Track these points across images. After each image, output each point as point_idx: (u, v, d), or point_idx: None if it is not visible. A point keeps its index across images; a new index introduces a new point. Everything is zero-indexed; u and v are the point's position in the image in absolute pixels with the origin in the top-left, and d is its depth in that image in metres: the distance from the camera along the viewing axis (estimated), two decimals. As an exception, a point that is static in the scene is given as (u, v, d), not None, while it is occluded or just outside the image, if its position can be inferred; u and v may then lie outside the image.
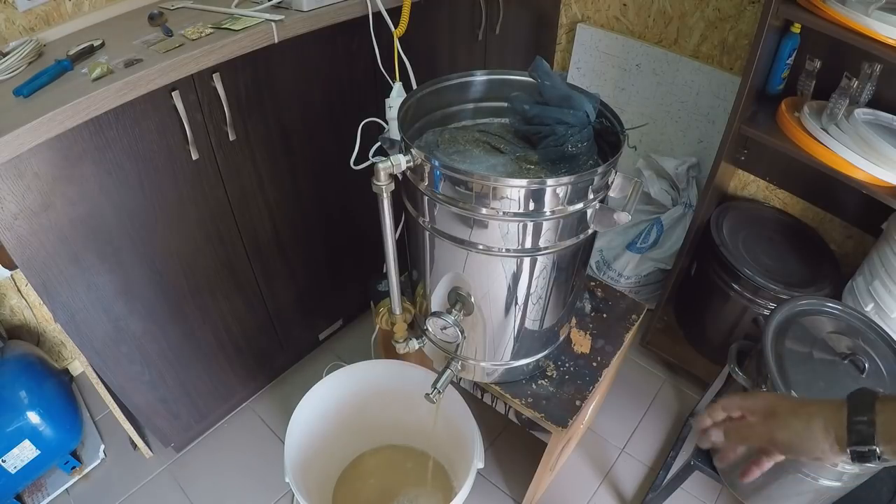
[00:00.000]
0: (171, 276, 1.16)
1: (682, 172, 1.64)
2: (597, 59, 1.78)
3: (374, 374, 1.21)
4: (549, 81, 0.85)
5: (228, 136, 1.10)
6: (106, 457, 1.45)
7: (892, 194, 1.07)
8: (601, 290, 1.23)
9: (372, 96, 1.32)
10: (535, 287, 0.89)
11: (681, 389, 1.65)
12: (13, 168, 0.83)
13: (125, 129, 0.95)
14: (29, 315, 1.49)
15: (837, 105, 1.13)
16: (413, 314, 1.12)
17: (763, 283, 1.35)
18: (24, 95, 0.86)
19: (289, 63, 1.13)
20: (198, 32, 1.01)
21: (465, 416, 1.09)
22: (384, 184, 0.80)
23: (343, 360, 1.70)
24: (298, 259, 1.44)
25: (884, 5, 0.98)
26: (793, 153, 1.16)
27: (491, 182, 0.73)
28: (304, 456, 1.12)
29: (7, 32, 1.11)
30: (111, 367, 1.15)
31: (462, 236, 0.82)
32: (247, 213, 1.24)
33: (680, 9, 1.56)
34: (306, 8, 1.07)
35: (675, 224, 1.67)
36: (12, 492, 1.29)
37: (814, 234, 1.53)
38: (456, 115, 0.98)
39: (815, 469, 0.96)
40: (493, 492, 1.41)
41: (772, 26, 1.09)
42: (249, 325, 1.41)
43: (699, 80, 1.58)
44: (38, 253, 0.92)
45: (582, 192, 0.77)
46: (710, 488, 1.40)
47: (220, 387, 1.45)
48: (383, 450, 1.40)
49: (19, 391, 1.23)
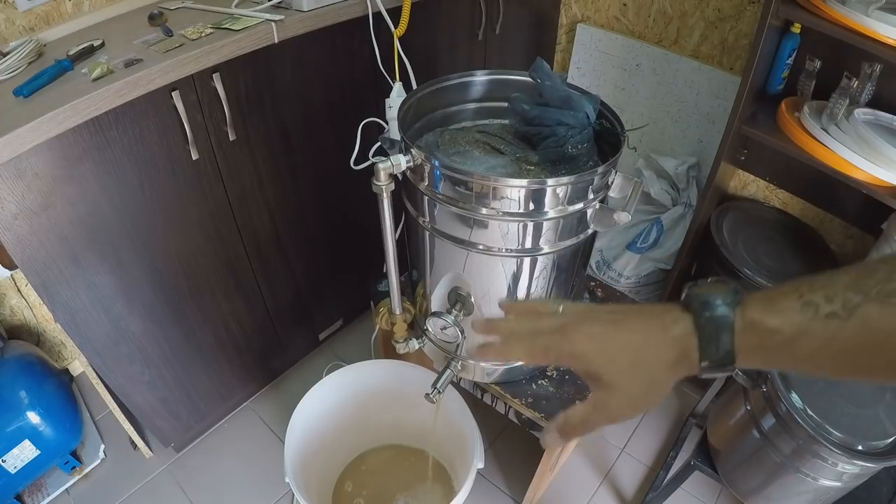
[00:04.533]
0: (171, 276, 1.16)
1: (682, 172, 1.64)
2: (597, 59, 1.78)
3: (374, 374, 1.21)
4: (550, 82, 0.85)
5: (228, 136, 1.10)
6: (106, 457, 1.45)
7: (892, 194, 1.07)
8: (601, 290, 1.23)
9: (372, 96, 1.32)
10: (535, 287, 0.89)
11: (681, 389, 1.65)
12: (13, 168, 0.83)
13: (125, 129, 0.95)
14: (29, 315, 1.49)
15: (837, 105, 1.13)
16: (413, 314, 1.12)
17: (763, 283, 1.34)
18: (24, 95, 0.86)
19: (289, 63, 1.13)
20: (198, 32, 1.01)
21: (465, 416, 1.09)
22: (384, 184, 0.80)
23: (343, 360, 1.70)
24: (298, 259, 1.44)
25: (884, 5, 0.98)
26: (793, 153, 1.16)
27: (491, 182, 0.73)
28: (304, 456, 1.12)
29: (7, 32, 1.11)
30: (111, 367, 1.15)
31: (462, 236, 0.82)
32: (247, 213, 1.24)
33: (680, 9, 1.56)
34: (306, 8, 1.07)
35: (675, 224, 1.67)
36: (12, 492, 1.29)
37: (814, 234, 1.53)
38: (456, 115, 0.98)
39: (815, 469, 0.96)
40: (493, 492, 1.41)
41: (772, 26, 1.09)
42: (249, 325, 1.41)
43: (699, 80, 1.58)
44: (38, 253, 0.92)
45: (582, 193, 0.77)
46: (710, 488, 1.40)
47: (220, 387, 1.45)
48: (383, 450, 1.40)
49: (19, 391, 1.23)
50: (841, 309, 0.35)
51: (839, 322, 0.35)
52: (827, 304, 0.36)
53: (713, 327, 0.39)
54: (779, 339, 0.37)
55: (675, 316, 0.42)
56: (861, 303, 0.35)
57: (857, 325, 0.35)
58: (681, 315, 0.41)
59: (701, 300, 0.40)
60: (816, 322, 0.36)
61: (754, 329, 0.38)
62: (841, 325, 0.35)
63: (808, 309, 0.36)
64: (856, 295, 0.35)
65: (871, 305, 0.34)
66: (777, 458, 1.01)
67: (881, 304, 0.34)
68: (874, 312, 0.34)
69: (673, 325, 0.41)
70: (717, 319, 0.39)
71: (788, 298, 0.38)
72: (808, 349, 0.37)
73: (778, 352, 0.38)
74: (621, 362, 0.43)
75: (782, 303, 0.38)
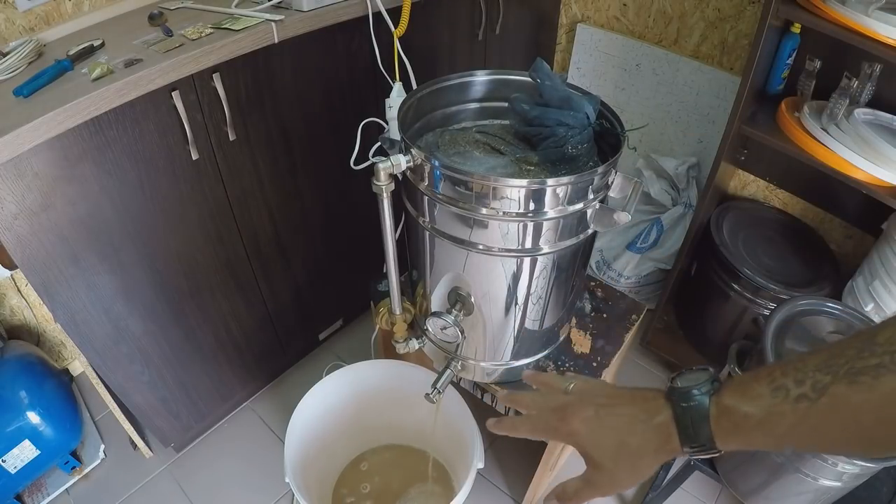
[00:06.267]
0: (171, 276, 1.16)
1: (682, 172, 1.64)
2: (597, 59, 1.78)
3: (374, 374, 1.21)
4: (550, 83, 0.85)
5: (228, 136, 1.10)
6: (106, 457, 1.45)
7: (892, 194, 1.07)
8: (601, 290, 1.23)
9: (372, 96, 1.32)
10: (535, 287, 0.89)
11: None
12: (13, 168, 0.83)
13: (125, 129, 0.95)
14: (29, 315, 1.49)
15: (837, 105, 1.13)
16: (413, 314, 1.12)
17: (763, 283, 1.35)
18: (24, 95, 0.86)
19: (289, 63, 1.13)
20: (198, 32, 1.01)
21: (465, 416, 1.09)
22: (384, 184, 0.80)
23: (343, 360, 1.70)
24: (298, 259, 1.44)
25: (884, 5, 0.98)
26: (793, 153, 1.16)
27: (491, 182, 0.73)
28: (304, 456, 1.12)
29: (7, 32, 1.11)
30: (111, 367, 1.15)
31: (462, 236, 0.82)
32: (247, 213, 1.24)
33: (680, 9, 1.56)
34: (306, 8, 1.07)
35: (675, 224, 1.67)
36: (12, 492, 1.29)
37: (814, 234, 1.53)
38: (456, 115, 0.98)
39: (815, 469, 0.96)
40: (493, 492, 1.41)
41: (772, 26, 1.09)
42: (249, 325, 1.41)
43: (699, 80, 1.58)
44: (38, 253, 0.92)
45: (582, 193, 0.77)
46: (710, 488, 1.40)
47: (220, 387, 1.45)
48: (383, 450, 1.40)
49: (19, 391, 1.23)
50: (810, 390, 0.37)
51: (808, 403, 0.37)
52: (797, 386, 0.38)
53: (690, 417, 0.43)
54: (752, 423, 0.40)
55: (659, 405, 0.45)
56: (830, 383, 0.37)
57: (827, 403, 0.37)
58: (663, 404, 0.45)
59: (680, 391, 0.44)
60: (786, 404, 0.38)
61: (729, 415, 0.41)
62: (810, 406, 0.37)
63: (779, 393, 0.39)
64: (825, 376, 0.37)
65: (840, 385, 0.36)
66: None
67: (849, 384, 0.36)
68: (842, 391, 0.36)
69: (656, 414, 0.45)
70: (693, 409, 0.43)
71: (760, 384, 0.40)
72: (781, 430, 0.39)
73: (753, 434, 0.41)
74: (608, 445, 0.47)
75: (755, 388, 0.41)
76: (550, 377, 0.57)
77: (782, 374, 0.39)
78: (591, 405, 0.49)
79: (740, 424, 0.41)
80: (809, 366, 0.38)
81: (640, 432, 0.46)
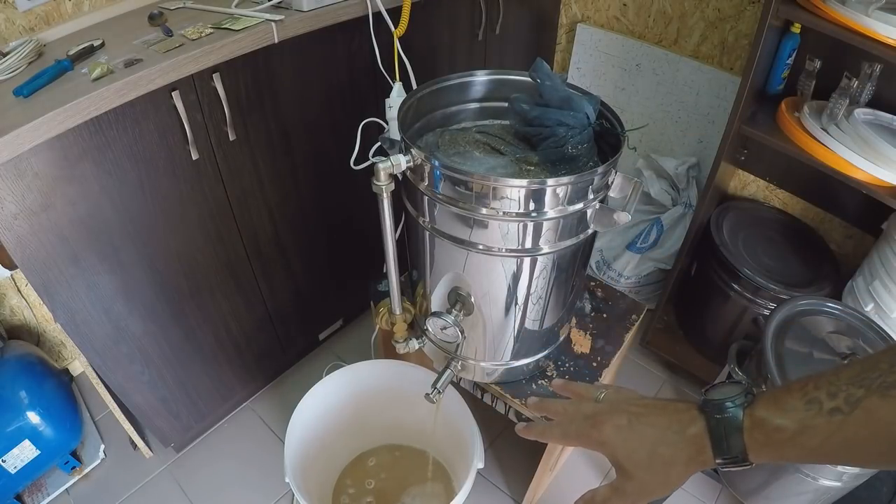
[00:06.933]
0: (171, 276, 1.16)
1: (682, 172, 1.64)
2: (597, 59, 1.78)
3: (374, 374, 1.21)
4: (550, 83, 0.85)
5: (228, 136, 1.10)
6: (106, 457, 1.45)
7: (892, 194, 1.07)
8: (601, 290, 1.23)
9: (372, 96, 1.32)
10: (535, 287, 0.89)
11: (681, 389, 1.65)
12: (13, 168, 0.83)
13: (125, 129, 0.95)
14: (29, 315, 1.49)
15: (837, 105, 1.13)
16: (413, 314, 1.12)
17: (763, 283, 1.35)
18: (24, 95, 0.86)
19: (289, 63, 1.13)
20: (198, 32, 1.01)
21: (465, 416, 1.09)
22: (384, 184, 0.80)
23: (343, 360, 1.70)
24: (298, 259, 1.44)
25: (884, 5, 0.98)
26: (793, 153, 1.16)
27: (491, 182, 0.73)
28: (304, 456, 1.12)
29: (7, 32, 1.11)
30: (111, 367, 1.15)
31: (462, 236, 0.82)
32: (247, 213, 1.24)
33: (680, 9, 1.56)
34: (306, 8, 1.07)
35: (675, 224, 1.67)
36: (12, 492, 1.29)
37: (814, 234, 1.53)
38: (456, 115, 0.98)
39: (815, 469, 0.96)
40: (493, 492, 1.41)
41: (772, 26, 1.09)
42: (249, 325, 1.41)
43: (699, 80, 1.58)
44: (38, 253, 0.92)
45: (582, 193, 0.77)
46: (710, 488, 1.40)
47: (220, 387, 1.45)
48: (383, 450, 1.40)
49: (19, 391, 1.23)
50: (843, 404, 0.38)
51: (842, 416, 0.38)
52: (830, 400, 0.39)
53: (723, 428, 0.43)
54: (785, 436, 0.40)
55: (692, 416, 0.46)
56: (863, 396, 0.37)
57: (860, 417, 0.37)
58: (697, 416, 0.46)
59: (714, 403, 0.44)
60: (820, 418, 0.39)
61: (762, 427, 0.42)
62: (844, 419, 0.38)
63: (813, 406, 0.39)
64: (858, 389, 0.37)
65: (873, 398, 0.37)
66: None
67: (882, 397, 0.36)
68: (875, 404, 0.36)
69: (689, 425, 0.46)
70: (727, 421, 0.43)
71: (794, 397, 0.41)
72: (813, 443, 0.39)
73: (786, 447, 0.41)
74: (640, 454, 0.47)
75: (788, 401, 0.41)
76: (582, 386, 0.58)
77: (815, 388, 0.40)
78: (624, 414, 0.49)
79: (773, 437, 0.41)
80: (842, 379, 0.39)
81: (672, 443, 0.46)
